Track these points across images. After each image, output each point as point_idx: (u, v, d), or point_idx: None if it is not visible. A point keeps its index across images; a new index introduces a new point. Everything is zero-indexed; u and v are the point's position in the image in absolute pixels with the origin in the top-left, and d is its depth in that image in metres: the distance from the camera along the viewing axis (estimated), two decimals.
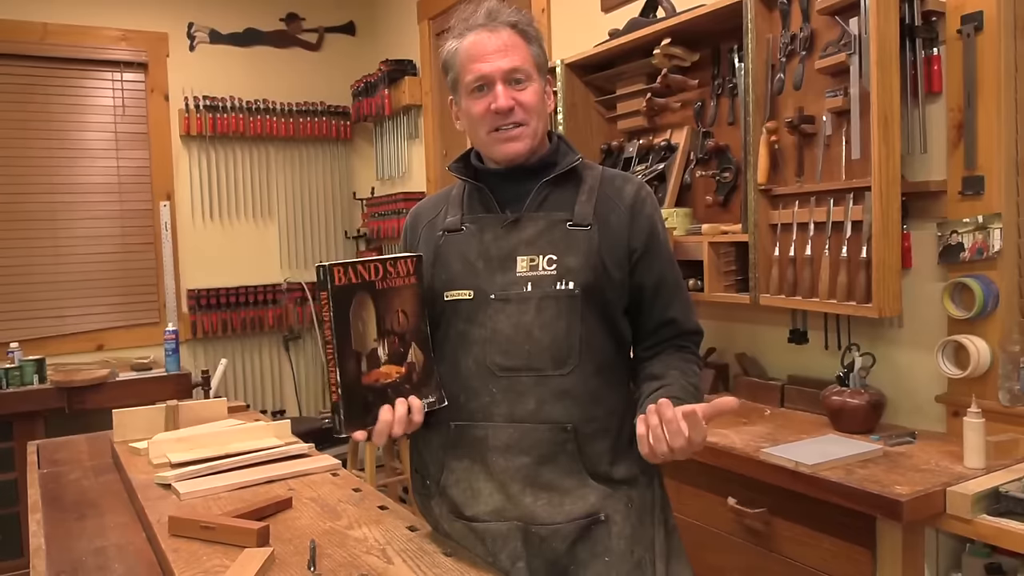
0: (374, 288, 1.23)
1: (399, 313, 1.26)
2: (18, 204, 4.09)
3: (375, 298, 1.23)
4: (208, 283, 4.49)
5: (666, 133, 2.61)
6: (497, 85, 1.30)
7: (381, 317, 1.23)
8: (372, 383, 1.21)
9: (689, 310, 1.41)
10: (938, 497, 1.54)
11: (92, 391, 3.54)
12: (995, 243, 1.80)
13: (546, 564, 1.30)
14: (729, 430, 2.01)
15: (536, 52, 1.34)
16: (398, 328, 1.25)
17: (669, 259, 1.39)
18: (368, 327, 1.21)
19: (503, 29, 1.31)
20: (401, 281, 1.27)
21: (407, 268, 1.29)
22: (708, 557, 1.94)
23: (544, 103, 1.36)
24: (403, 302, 1.27)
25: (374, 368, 1.21)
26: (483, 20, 1.32)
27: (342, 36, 4.94)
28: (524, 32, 1.33)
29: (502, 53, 1.30)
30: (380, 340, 1.23)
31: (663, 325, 1.39)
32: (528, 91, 1.32)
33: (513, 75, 1.30)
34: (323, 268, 1.17)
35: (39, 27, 4.10)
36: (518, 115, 1.31)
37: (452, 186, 1.48)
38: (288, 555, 1.30)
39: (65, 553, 1.41)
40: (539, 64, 1.35)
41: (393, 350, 1.24)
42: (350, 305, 1.19)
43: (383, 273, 1.24)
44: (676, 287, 1.39)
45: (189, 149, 4.49)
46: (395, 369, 1.25)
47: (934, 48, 1.90)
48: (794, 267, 2.08)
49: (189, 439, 1.87)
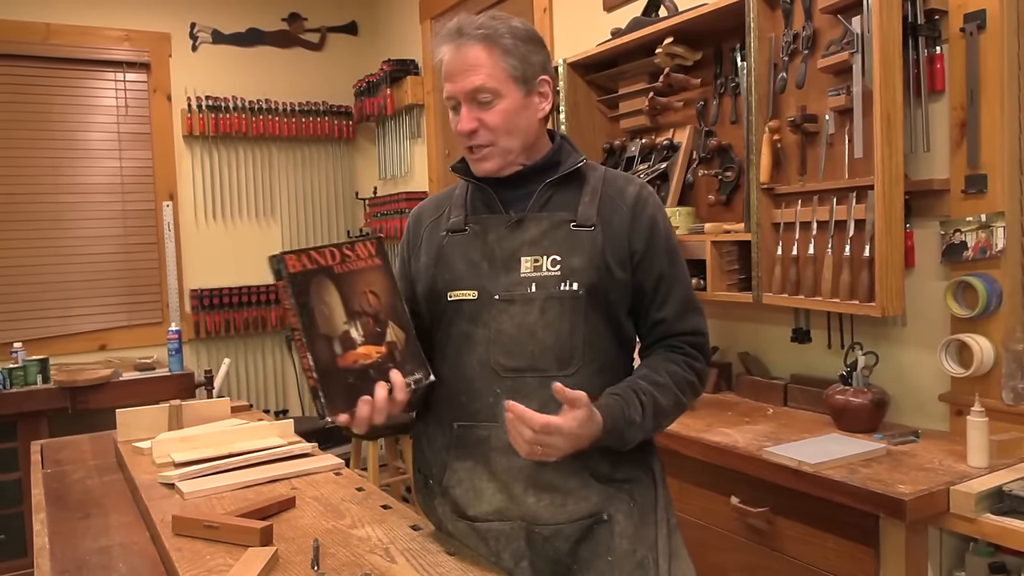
0: (333, 272, 1.23)
1: (367, 295, 1.26)
2: (20, 204, 4.10)
3: (336, 282, 1.23)
4: (211, 283, 4.49)
5: (668, 132, 2.61)
6: (462, 106, 1.30)
7: (347, 299, 1.23)
8: (350, 365, 1.21)
9: (686, 310, 1.37)
10: (942, 496, 1.54)
11: (95, 391, 3.55)
12: (998, 242, 1.79)
13: (549, 564, 1.30)
14: (732, 429, 2.01)
15: (512, 64, 1.28)
16: (369, 309, 1.25)
17: (670, 260, 1.36)
18: (334, 310, 1.22)
19: (470, 45, 1.27)
20: (363, 263, 1.27)
21: (368, 251, 1.28)
22: (711, 556, 1.94)
23: (519, 118, 1.31)
24: (370, 283, 1.27)
25: (350, 350, 1.21)
26: (452, 35, 1.29)
27: (344, 36, 4.94)
28: (496, 44, 1.27)
29: (464, 74, 1.28)
30: (351, 322, 1.23)
31: (654, 325, 1.37)
32: (494, 111, 1.28)
33: (476, 96, 1.28)
34: (275, 257, 1.18)
35: (42, 27, 4.11)
36: (481, 137, 1.30)
37: (455, 186, 1.47)
38: (291, 554, 1.30)
39: (69, 552, 1.42)
40: (516, 76, 1.29)
41: (369, 331, 1.24)
42: (310, 291, 1.19)
43: (340, 257, 1.25)
44: (672, 287, 1.36)
45: (192, 149, 4.49)
46: (375, 349, 1.24)
47: (937, 47, 1.90)
48: (797, 266, 2.08)
49: (192, 439, 1.87)
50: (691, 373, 1.35)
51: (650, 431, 1.31)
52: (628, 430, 1.24)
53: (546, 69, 1.34)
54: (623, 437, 1.25)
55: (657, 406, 1.28)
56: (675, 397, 1.31)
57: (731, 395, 2.42)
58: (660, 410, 1.29)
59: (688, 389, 1.34)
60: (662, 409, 1.29)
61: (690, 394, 1.35)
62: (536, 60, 1.32)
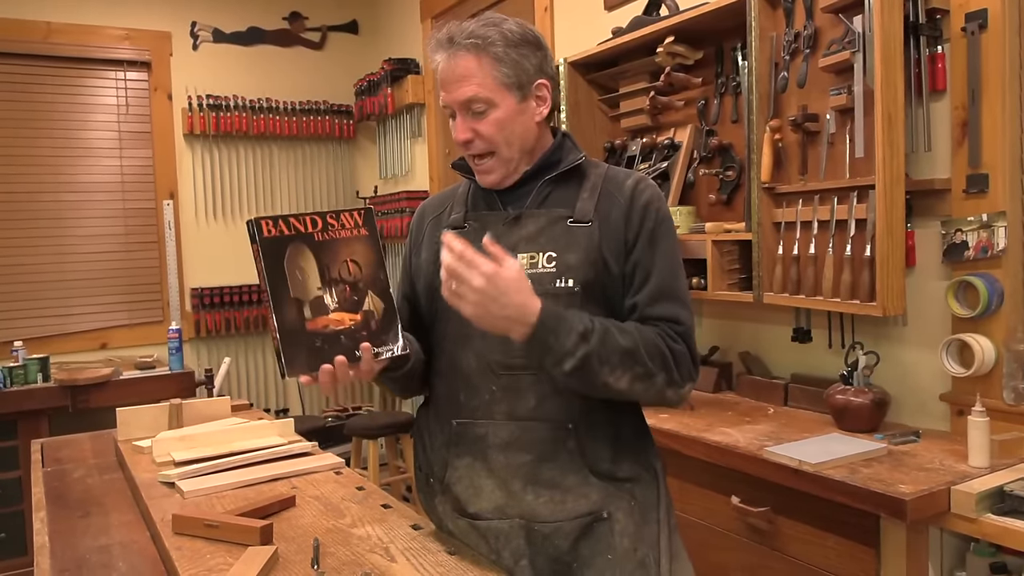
0: (312, 239, 1.25)
1: (348, 263, 1.28)
2: (21, 203, 4.10)
3: (314, 249, 1.25)
4: (211, 282, 4.49)
5: (669, 131, 2.61)
6: (457, 116, 1.30)
7: (325, 266, 1.25)
8: (319, 329, 1.23)
9: (663, 297, 1.28)
10: (942, 496, 1.54)
11: (96, 389, 3.55)
12: (999, 241, 1.79)
13: (549, 562, 1.30)
14: (733, 429, 2.01)
15: (504, 72, 1.27)
16: (348, 277, 1.27)
17: (651, 247, 1.30)
18: (308, 276, 1.24)
19: (461, 55, 1.26)
20: (347, 233, 1.29)
21: (354, 220, 1.30)
22: (712, 556, 1.94)
23: (514, 125, 1.29)
24: (352, 252, 1.28)
25: (320, 315, 1.24)
26: (444, 44, 1.28)
27: (345, 35, 4.94)
28: (486, 52, 1.26)
29: (457, 84, 1.27)
30: (326, 288, 1.25)
31: (628, 312, 1.30)
32: (487, 121, 1.28)
33: (470, 106, 1.28)
34: (251, 223, 1.23)
35: (43, 26, 4.11)
36: (477, 146, 1.30)
37: (459, 184, 1.48)
38: (291, 553, 1.30)
39: (69, 551, 1.42)
40: (508, 83, 1.27)
41: (345, 298, 1.26)
42: (283, 255, 1.23)
43: (322, 225, 1.27)
44: (650, 273, 1.29)
45: (192, 148, 4.49)
46: (348, 316, 1.26)
47: (938, 46, 1.89)
48: (798, 265, 2.07)
49: (193, 437, 1.87)
50: (664, 345, 1.24)
51: (596, 362, 1.18)
52: (567, 336, 1.16)
53: (543, 71, 1.32)
54: (561, 343, 1.16)
55: (610, 337, 1.19)
56: (635, 346, 1.20)
57: (732, 395, 2.42)
58: (613, 344, 1.19)
59: (658, 357, 1.22)
60: (617, 345, 1.19)
61: (659, 365, 1.22)
62: (531, 64, 1.30)
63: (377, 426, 3.73)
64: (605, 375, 1.19)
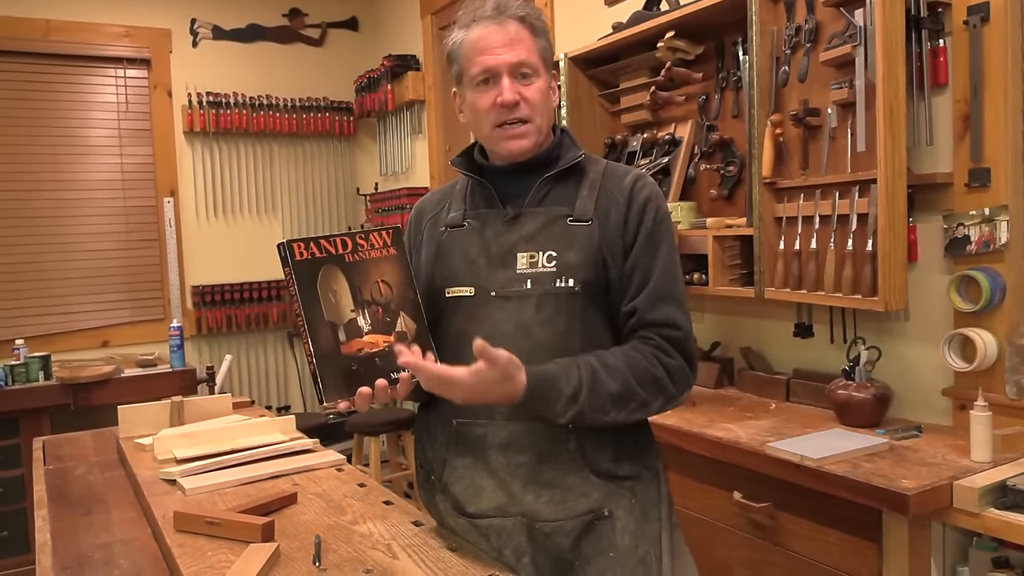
0: (343, 261, 1.25)
1: (379, 284, 1.27)
2: (21, 201, 4.10)
3: (346, 270, 1.24)
4: (212, 279, 4.50)
5: (670, 127, 2.60)
6: (503, 79, 1.29)
7: (357, 288, 1.25)
8: (355, 352, 1.23)
9: (662, 301, 1.29)
10: (945, 491, 1.54)
11: (97, 387, 3.55)
12: (1002, 235, 1.79)
13: (551, 559, 1.29)
14: (734, 424, 2.01)
15: (543, 46, 1.33)
16: (380, 299, 1.27)
17: (650, 246, 1.30)
18: (341, 298, 1.23)
19: (511, 23, 1.30)
20: (377, 253, 1.28)
21: (383, 240, 1.29)
22: (714, 551, 1.94)
23: (549, 99, 1.35)
24: (383, 273, 1.28)
25: (355, 337, 1.23)
26: (491, 12, 1.31)
27: (345, 31, 4.94)
28: (532, 26, 1.31)
29: (509, 47, 1.29)
30: (359, 311, 1.24)
31: (627, 317, 1.30)
32: (533, 87, 1.31)
33: (519, 69, 1.29)
34: (283, 245, 1.21)
35: (42, 24, 4.10)
36: (523, 110, 1.30)
37: (456, 180, 1.47)
38: (293, 550, 1.30)
39: (71, 548, 1.42)
40: (546, 59, 1.34)
41: (378, 320, 1.26)
42: (316, 278, 1.21)
43: (352, 246, 1.26)
44: (648, 275, 1.29)
45: (192, 145, 4.49)
46: (382, 338, 1.25)
47: (940, 39, 1.89)
48: (799, 260, 2.07)
49: (194, 435, 1.87)
50: (658, 368, 1.25)
51: (588, 413, 1.21)
52: (557, 401, 1.18)
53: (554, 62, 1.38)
54: (550, 407, 1.19)
55: (599, 386, 1.20)
56: (626, 385, 1.22)
57: (733, 390, 2.42)
58: (603, 393, 1.20)
59: (651, 384, 1.24)
60: (607, 392, 1.21)
61: (653, 391, 1.25)
62: (552, 52, 1.38)
63: (379, 423, 3.74)
64: (600, 418, 1.23)
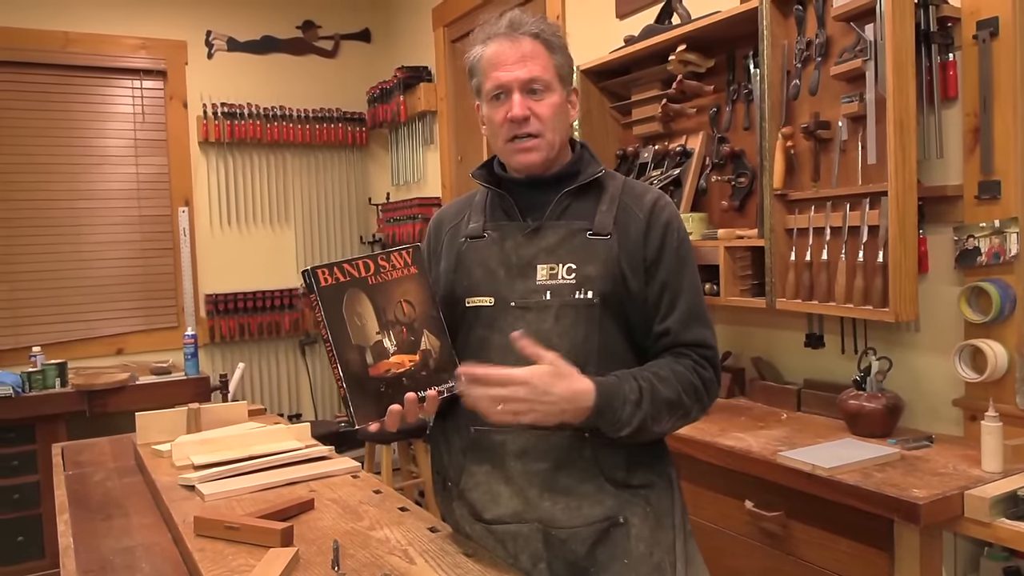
0: (367, 284, 1.26)
1: (402, 304, 1.28)
2: (38, 210, 4.15)
3: (369, 293, 1.26)
4: (226, 288, 4.53)
5: (681, 138, 2.62)
6: (514, 94, 1.32)
7: (381, 309, 1.26)
8: (382, 374, 1.24)
9: (692, 321, 1.33)
10: (956, 500, 1.54)
11: (113, 394, 3.59)
12: (1012, 247, 1.80)
13: (567, 565, 1.31)
14: (746, 434, 2.02)
15: (559, 63, 1.35)
16: (403, 318, 1.28)
17: (678, 269, 1.34)
18: (367, 321, 1.25)
19: (524, 39, 1.32)
20: (399, 273, 1.29)
21: (403, 260, 1.31)
22: (725, 560, 1.95)
23: (563, 114, 1.36)
24: (405, 292, 1.29)
25: (382, 359, 1.24)
26: (505, 29, 1.33)
27: (358, 43, 4.98)
28: (547, 42, 1.34)
29: (521, 63, 1.31)
30: (384, 332, 1.26)
31: (659, 337, 1.34)
32: (544, 103, 1.33)
33: (530, 85, 1.32)
34: (307, 272, 1.22)
35: (61, 36, 4.16)
36: (532, 125, 1.32)
37: (475, 191, 1.49)
38: (312, 555, 1.32)
39: (93, 553, 1.44)
40: (562, 74, 1.36)
41: (402, 340, 1.27)
42: (341, 303, 1.23)
43: (374, 268, 1.27)
44: (678, 297, 1.33)
45: (207, 155, 4.54)
46: (408, 358, 1.27)
47: (950, 53, 1.90)
48: (810, 271, 2.08)
49: (211, 441, 1.90)
50: (697, 379, 1.30)
51: (648, 421, 1.24)
52: (623, 408, 1.21)
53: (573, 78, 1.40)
54: (617, 416, 1.21)
55: (657, 394, 1.24)
56: (677, 394, 1.26)
57: (744, 400, 2.43)
58: (660, 400, 1.25)
59: (692, 394, 1.29)
60: (663, 399, 1.25)
61: (694, 400, 1.29)
62: (570, 67, 1.39)
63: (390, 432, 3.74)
64: (653, 428, 1.26)
